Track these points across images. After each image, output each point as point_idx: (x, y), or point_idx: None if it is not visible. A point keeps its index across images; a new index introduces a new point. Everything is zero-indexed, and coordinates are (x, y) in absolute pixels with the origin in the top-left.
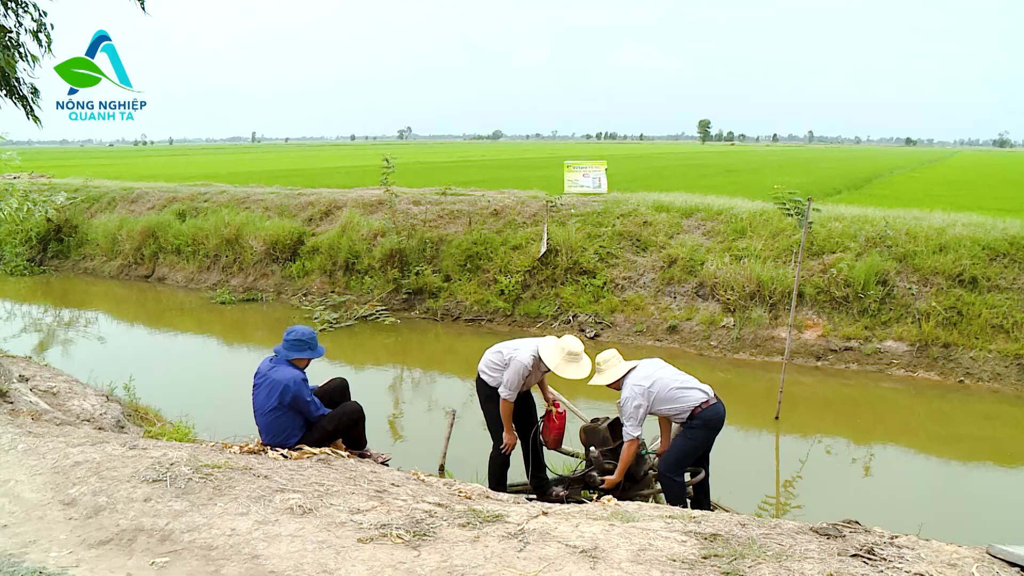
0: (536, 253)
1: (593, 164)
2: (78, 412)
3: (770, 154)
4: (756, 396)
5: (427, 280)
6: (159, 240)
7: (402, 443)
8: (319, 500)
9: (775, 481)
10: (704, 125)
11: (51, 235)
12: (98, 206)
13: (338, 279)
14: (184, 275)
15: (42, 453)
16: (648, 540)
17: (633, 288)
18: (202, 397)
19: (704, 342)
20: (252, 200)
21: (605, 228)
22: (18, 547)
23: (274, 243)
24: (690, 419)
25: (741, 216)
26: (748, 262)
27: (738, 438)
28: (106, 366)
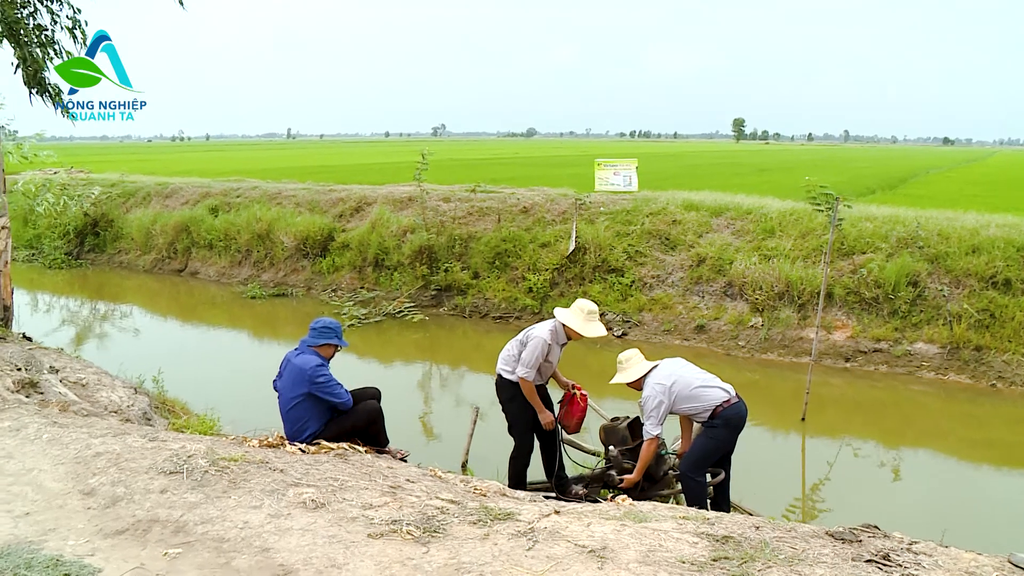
0: (564, 251)
1: (624, 162)
2: (106, 404)
3: (804, 153)
4: (783, 397)
5: (456, 277)
6: (192, 235)
7: (428, 440)
8: (332, 495)
9: (801, 483)
10: (739, 124)
11: (88, 229)
12: (133, 201)
13: (367, 275)
14: (216, 270)
15: (65, 443)
16: (659, 541)
17: (661, 287)
18: (229, 391)
19: (732, 342)
20: (284, 196)
21: (634, 226)
22: (38, 535)
23: (305, 239)
24: (711, 418)
25: (771, 215)
26: (777, 261)
27: (764, 439)
28: (137, 359)
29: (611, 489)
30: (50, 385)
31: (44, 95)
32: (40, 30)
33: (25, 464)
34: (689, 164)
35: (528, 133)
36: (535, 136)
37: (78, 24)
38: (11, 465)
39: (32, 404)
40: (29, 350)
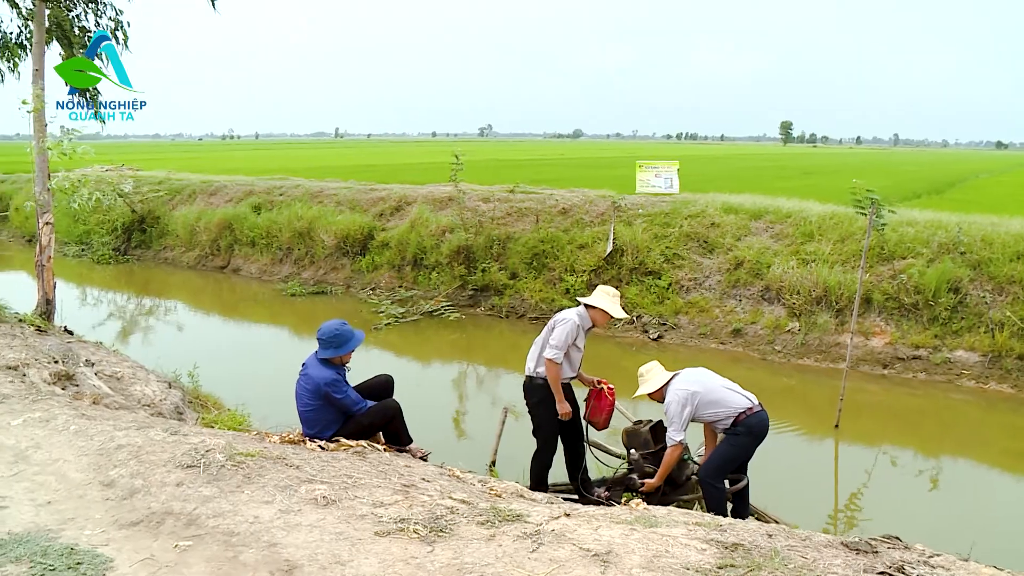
0: (602, 252)
1: (665, 164)
2: (139, 397)
3: (852, 156)
4: (819, 403)
5: (493, 277)
6: (235, 232)
7: (459, 439)
8: (344, 492)
9: (834, 492)
10: (786, 127)
11: (135, 225)
12: (179, 198)
13: (406, 274)
14: (258, 267)
15: (91, 435)
16: (666, 547)
17: (698, 290)
18: (263, 388)
19: (768, 346)
20: (325, 194)
21: (672, 229)
22: (57, 523)
23: (345, 237)
24: (734, 426)
25: (810, 219)
26: (815, 266)
27: (796, 445)
28: (176, 354)
29: (633, 493)
30: (85, 378)
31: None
32: (84, 32)
33: (51, 454)
34: (734, 167)
35: (574, 134)
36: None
37: (120, 26)
38: (38, 455)
39: (65, 396)
40: (68, 343)
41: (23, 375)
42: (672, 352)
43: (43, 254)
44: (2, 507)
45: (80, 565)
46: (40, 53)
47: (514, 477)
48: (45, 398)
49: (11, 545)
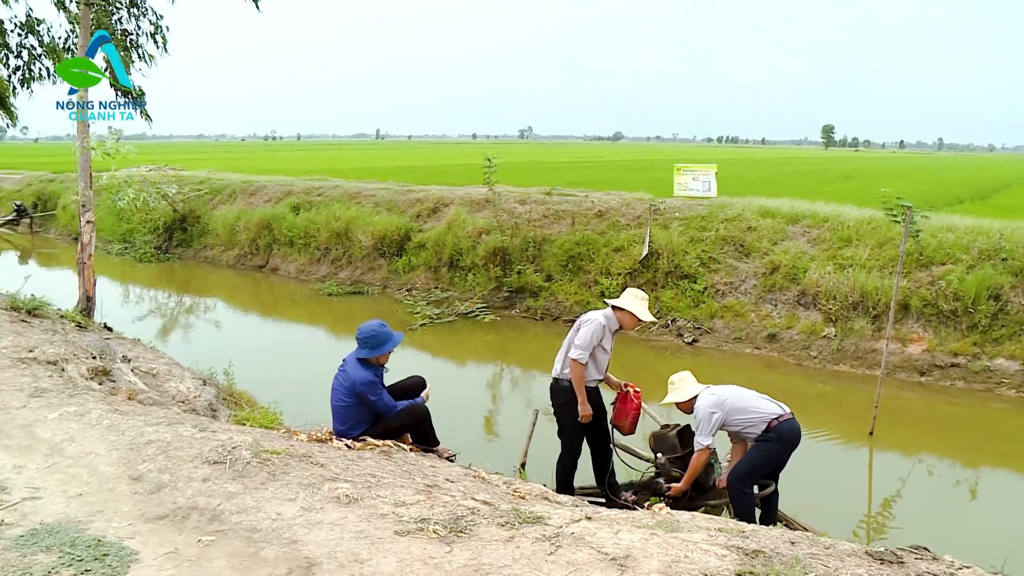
0: (638, 255)
1: (703, 167)
2: (173, 393)
3: (894, 160)
4: (853, 409)
5: (528, 279)
6: (273, 232)
7: (491, 440)
8: (367, 491)
9: (865, 499)
10: (828, 130)
11: (176, 224)
12: (220, 198)
13: (442, 275)
14: (296, 266)
15: (122, 430)
16: (685, 552)
17: (734, 294)
18: (297, 386)
19: (803, 352)
20: (363, 195)
21: (708, 232)
22: (87, 515)
23: (382, 238)
24: (766, 431)
25: (848, 224)
26: (852, 271)
27: (829, 452)
28: (213, 351)
29: (660, 497)
30: (122, 374)
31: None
32: (125, 35)
33: (84, 448)
34: (774, 171)
35: (615, 137)
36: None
37: (159, 29)
38: (72, 448)
39: (100, 391)
40: (106, 340)
41: (62, 370)
42: (707, 356)
43: (84, 252)
44: (36, 498)
45: (107, 556)
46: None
47: (544, 479)
48: (81, 393)
49: (42, 535)
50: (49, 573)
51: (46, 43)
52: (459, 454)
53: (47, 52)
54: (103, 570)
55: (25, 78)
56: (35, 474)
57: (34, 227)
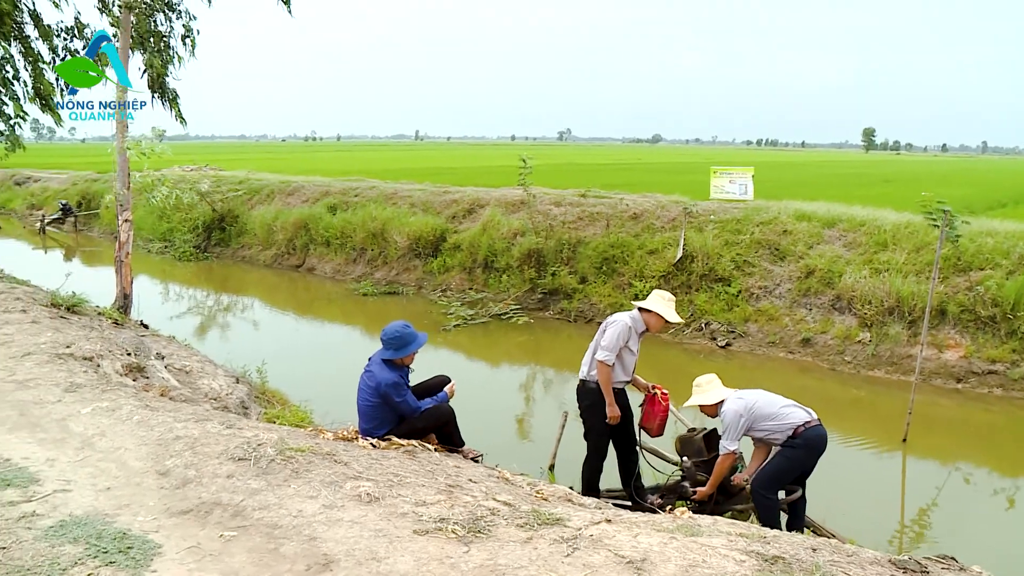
0: (672, 258)
1: (740, 170)
2: (206, 391)
3: (936, 164)
4: (887, 416)
5: (563, 281)
6: (310, 232)
7: (522, 441)
8: (388, 490)
9: (897, 507)
10: (869, 133)
11: (215, 224)
12: (258, 198)
13: (477, 276)
14: (332, 266)
15: (152, 425)
16: (703, 556)
17: (768, 298)
18: (329, 386)
19: (838, 357)
20: (400, 196)
21: (743, 235)
22: (114, 509)
23: (417, 239)
24: (791, 438)
25: (885, 228)
26: (888, 276)
27: (861, 458)
28: (247, 349)
29: (687, 501)
30: (155, 371)
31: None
32: (159, 38)
33: (114, 442)
34: (813, 174)
35: (654, 139)
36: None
37: (191, 32)
38: (103, 442)
39: (132, 387)
40: (141, 337)
41: (97, 366)
42: (740, 360)
43: (122, 250)
44: (67, 490)
45: (131, 549)
46: (125, 57)
47: (572, 481)
48: (114, 388)
49: (71, 527)
50: (76, 564)
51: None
52: (486, 455)
53: None
54: (127, 562)
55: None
56: (67, 467)
57: (78, 226)
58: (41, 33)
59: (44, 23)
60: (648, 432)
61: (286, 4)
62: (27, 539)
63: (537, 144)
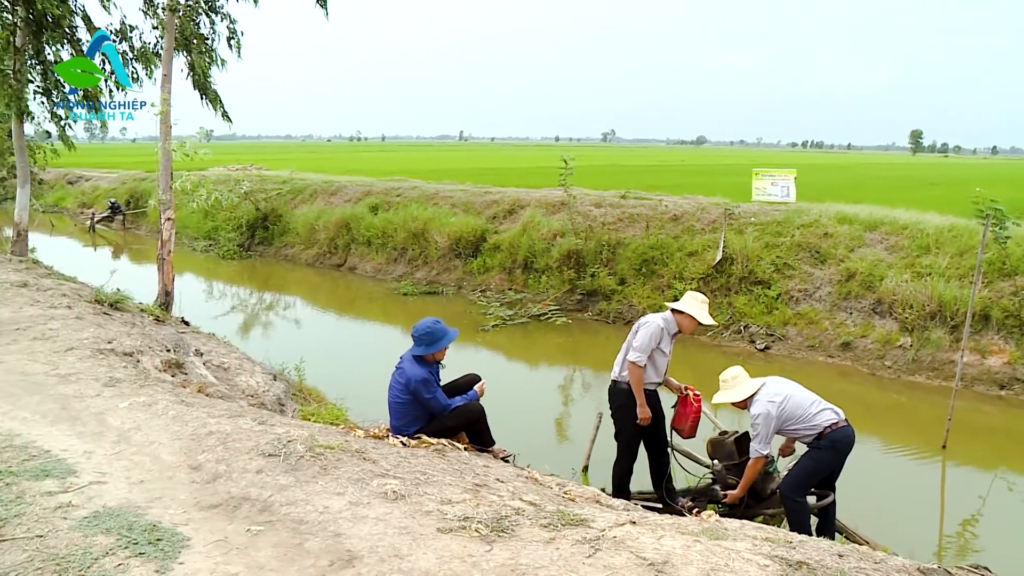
0: (712, 260)
1: (782, 172)
2: (243, 387)
3: (984, 167)
4: (927, 422)
5: (602, 282)
6: (352, 232)
7: (559, 442)
8: (415, 488)
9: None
10: (916, 135)
11: (258, 223)
12: (301, 197)
13: (516, 277)
14: (373, 266)
15: (186, 421)
16: (726, 560)
17: (808, 301)
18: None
19: (878, 361)
20: (441, 196)
21: (784, 238)
22: (146, 501)
23: (458, 239)
24: (818, 439)
25: (928, 231)
26: (930, 280)
27: (898, 464)
28: (287, 347)
29: (718, 504)
30: (193, 367)
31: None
32: (202, 39)
33: (149, 436)
34: (857, 176)
35: (698, 141)
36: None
37: (234, 34)
38: (138, 436)
39: (171, 383)
40: (181, 333)
41: (137, 361)
42: (779, 364)
43: (164, 248)
44: (102, 482)
45: (160, 541)
46: (168, 59)
47: (606, 483)
48: (152, 384)
49: (104, 518)
50: (107, 554)
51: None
52: (519, 455)
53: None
54: (156, 554)
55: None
56: (103, 460)
57: (126, 224)
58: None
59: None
60: (680, 433)
61: (323, 6)
62: (62, 528)
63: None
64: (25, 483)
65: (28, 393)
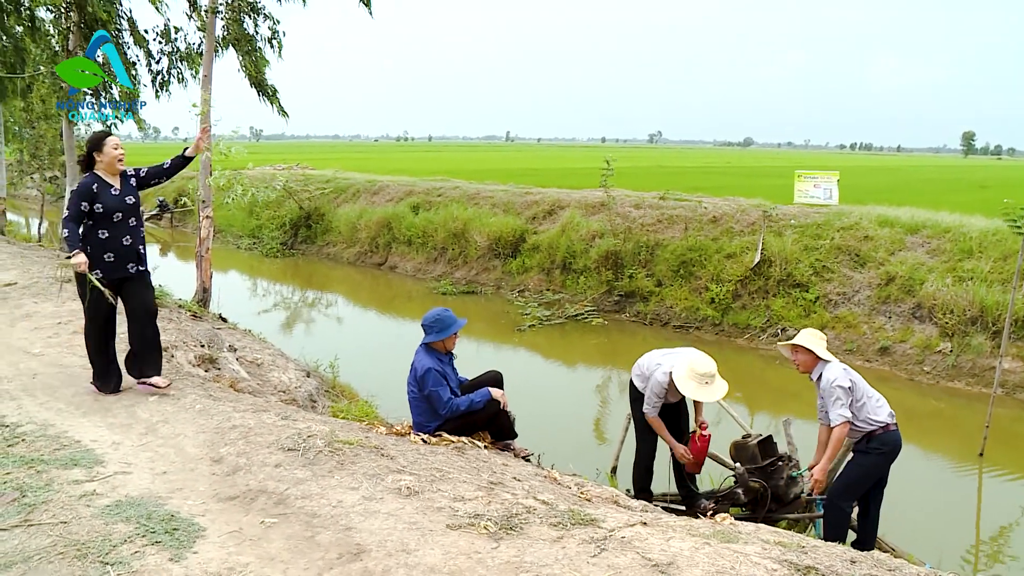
0: (750, 263)
1: (825, 174)
2: (275, 383)
3: None
4: (965, 429)
5: (639, 284)
6: (393, 231)
7: (592, 443)
8: (429, 484)
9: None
10: (968, 137)
11: (302, 222)
12: (344, 197)
13: (555, 277)
14: (413, 265)
15: (212, 415)
16: (733, 563)
17: (846, 304)
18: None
19: (917, 366)
20: (482, 196)
21: (823, 241)
22: (167, 492)
23: (497, 239)
24: (867, 441)
25: (971, 235)
26: (972, 284)
27: (933, 470)
28: (323, 344)
29: (742, 508)
30: (227, 362)
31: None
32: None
33: (175, 429)
34: (905, 179)
35: (745, 143)
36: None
37: (276, 34)
38: (165, 429)
39: (202, 378)
40: (217, 329)
41: (171, 356)
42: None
43: (202, 246)
44: (127, 472)
45: (176, 531)
46: (209, 60)
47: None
48: (183, 378)
49: (125, 506)
50: (125, 541)
51: (181, 49)
52: (544, 454)
53: (182, 58)
54: (171, 543)
55: (163, 82)
56: (129, 451)
57: (173, 222)
58: (136, 39)
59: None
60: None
61: (367, 5)
62: (85, 516)
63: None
64: (54, 471)
65: (65, 385)
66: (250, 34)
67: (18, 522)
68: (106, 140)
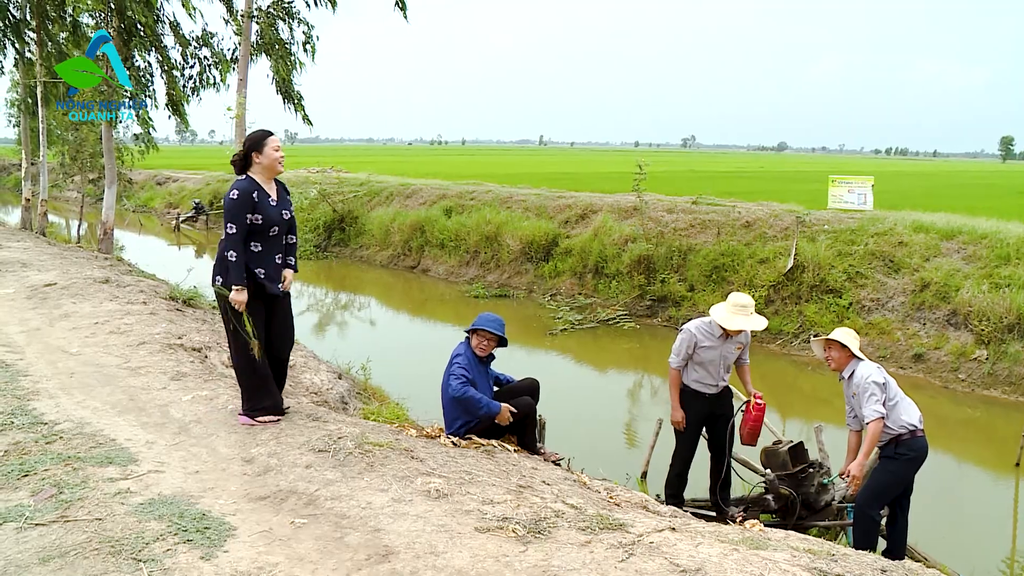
0: (782, 268)
1: (859, 180)
2: (307, 385)
3: None
4: (1001, 438)
5: (672, 288)
6: (426, 234)
7: (624, 447)
8: (458, 487)
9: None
10: (1007, 142)
11: (335, 224)
12: (377, 200)
13: (587, 281)
14: (445, 268)
15: None
16: (761, 570)
17: (880, 311)
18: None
19: (951, 374)
20: (514, 200)
21: (857, 246)
22: (199, 491)
23: (530, 243)
24: (895, 446)
25: (1008, 241)
26: (1009, 291)
27: (969, 480)
28: (356, 346)
29: (772, 515)
30: None
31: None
32: (282, 44)
33: (208, 429)
34: (941, 184)
35: (779, 147)
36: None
37: (310, 39)
38: (198, 428)
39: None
40: None
41: (204, 357)
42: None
43: None
44: (160, 471)
45: (207, 530)
46: (245, 64)
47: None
48: (215, 379)
49: (158, 505)
50: (157, 539)
51: (216, 53)
52: (574, 458)
53: (216, 62)
54: (202, 541)
55: (196, 86)
56: (163, 450)
57: (209, 224)
58: (179, 42)
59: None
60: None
61: (402, 9)
62: (119, 513)
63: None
64: (90, 469)
65: (101, 384)
66: (284, 39)
67: (55, 518)
68: (267, 140)
